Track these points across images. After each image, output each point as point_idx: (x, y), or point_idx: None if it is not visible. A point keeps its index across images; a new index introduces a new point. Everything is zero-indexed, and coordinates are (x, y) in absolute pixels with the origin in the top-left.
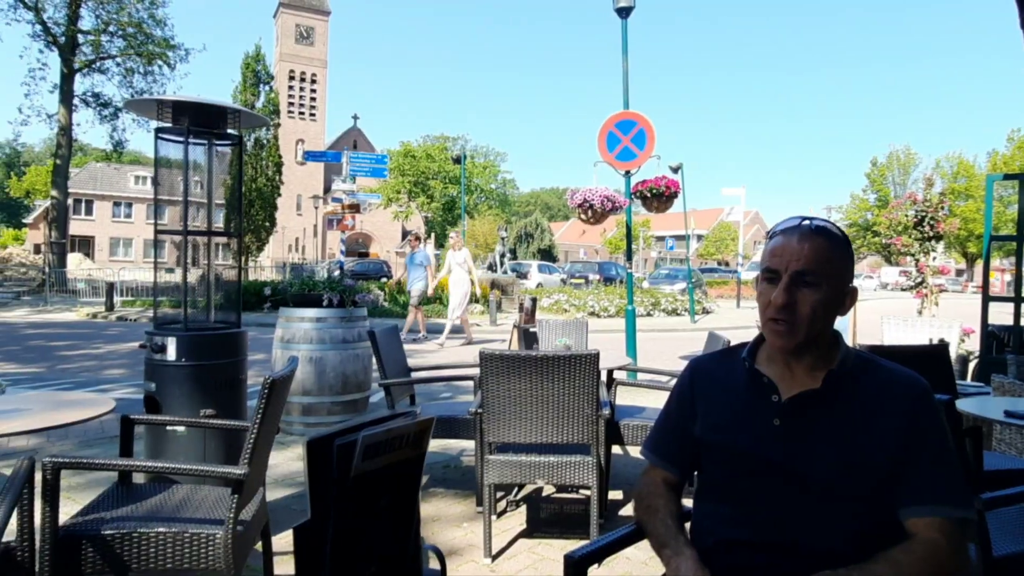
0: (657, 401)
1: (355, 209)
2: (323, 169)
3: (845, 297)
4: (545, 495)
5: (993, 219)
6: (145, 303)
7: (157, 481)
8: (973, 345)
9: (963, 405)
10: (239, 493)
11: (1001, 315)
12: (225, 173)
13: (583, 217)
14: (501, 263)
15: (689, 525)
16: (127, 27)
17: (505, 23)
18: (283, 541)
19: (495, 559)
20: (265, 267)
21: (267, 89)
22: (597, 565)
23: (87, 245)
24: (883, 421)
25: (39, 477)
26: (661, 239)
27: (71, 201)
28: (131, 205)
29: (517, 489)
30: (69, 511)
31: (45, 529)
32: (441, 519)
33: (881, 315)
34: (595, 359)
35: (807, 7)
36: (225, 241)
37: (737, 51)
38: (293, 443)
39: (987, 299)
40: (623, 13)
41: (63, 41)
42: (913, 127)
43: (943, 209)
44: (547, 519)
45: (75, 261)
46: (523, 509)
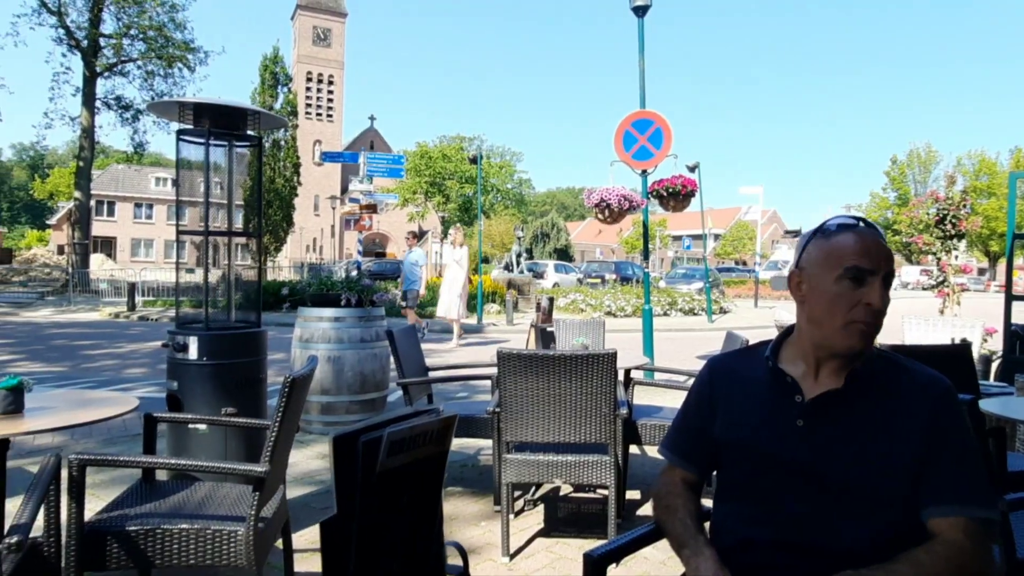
0: (675, 401)
1: (372, 209)
2: (340, 170)
3: None
4: (563, 494)
5: (1016, 217)
6: (166, 303)
7: (179, 478)
8: (996, 345)
9: (986, 405)
10: (260, 490)
11: None
12: (244, 174)
13: (600, 217)
14: (517, 263)
15: (708, 525)
16: (148, 30)
17: (520, 22)
18: (303, 538)
19: (513, 558)
20: (283, 267)
21: (285, 91)
22: (615, 564)
23: (109, 246)
24: (906, 421)
25: (65, 474)
26: (678, 238)
27: (93, 203)
28: (152, 206)
29: (534, 488)
30: (94, 507)
31: (71, 525)
32: (459, 518)
33: (902, 315)
34: (612, 358)
35: (825, 4)
36: (244, 241)
37: (755, 49)
38: (312, 441)
39: (1010, 298)
40: (639, 12)
41: (85, 45)
42: (934, 124)
43: (965, 207)
44: (565, 518)
45: (97, 262)
46: (540, 508)
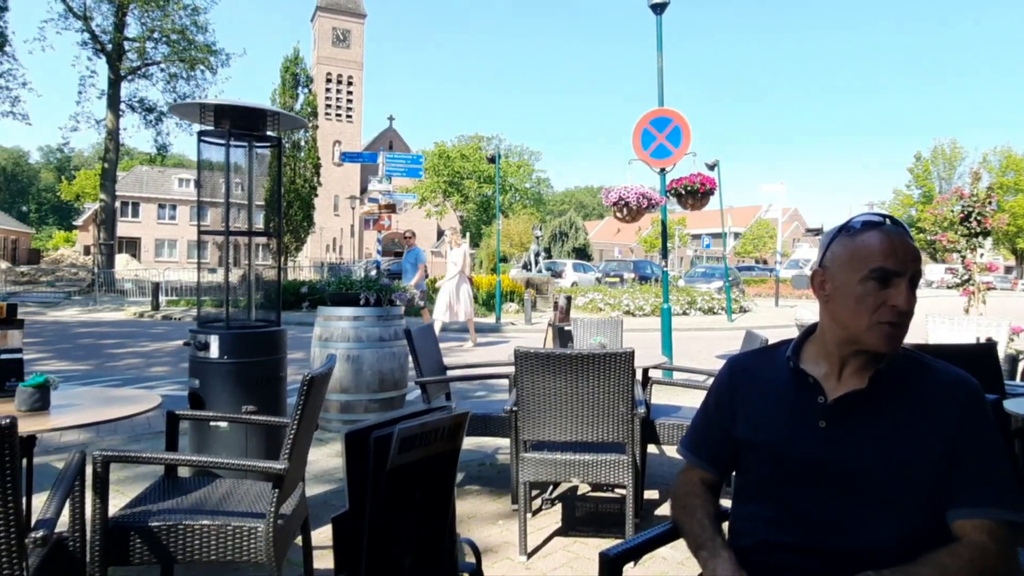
0: (693, 400)
1: (391, 209)
2: (359, 170)
3: None
4: (580, 494)
5: None
6: (189, 302)
7: (201, 475)
8: (1022, 344)
9: (1011, 406)
10: (280, 488)
11: None
12: (264, 175)
13: (618, 215)
14: (536, 262)
15: (727, 526)
16: (170, 33)
17: (538, 21)
18: (322, 535)
19: (530, 557)
20: (304, 267)
21: (305, 92)
22: (633, 564)
23: (134, 246)
24: (932, 421)
25: (90, 470)
26: (697, 237)
27: (118, 204)
28: (175, 207)
29: (552, 487)
30: (117, 503)
31: (95, 520)
32: (476, 517)
33: (926, 313)
34: (630, 357)
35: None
36: (265, 241)
37: (775, 44)
38: (331, 440)
39: None
40: (657, 9)
41: (110, 49)
42: (959, 120)
43: (991, 204)
44: (582, 518)
45: (122, 262)
46: (558, 507)
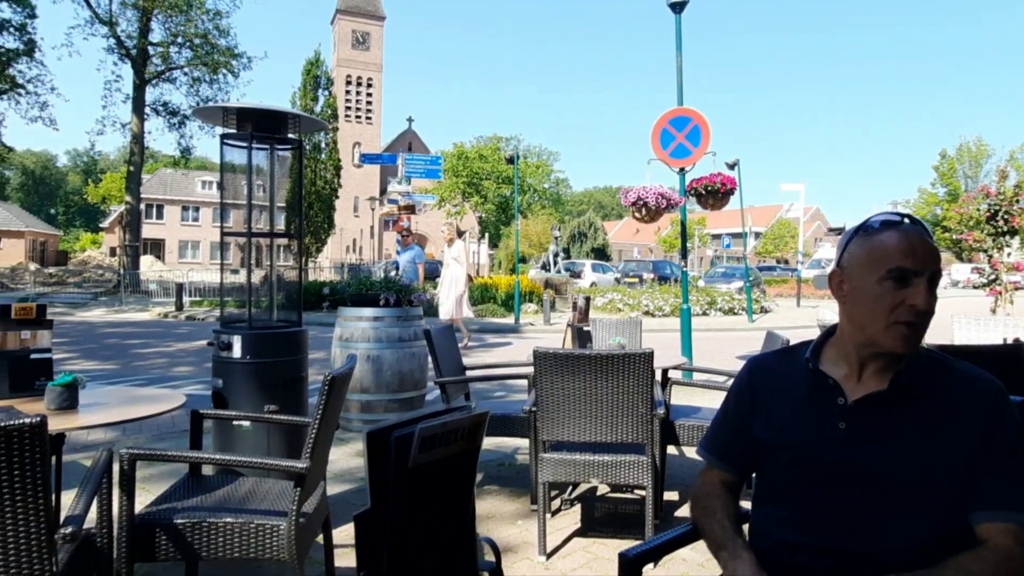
0: (713, 401)
1: (410, 210)
2: (379, 171)
3: None
4: (599, 494)
5: None
6: (212, 303)
7: (224, 473)
8: None
9: None
10: (301, 486)
11: None
12: (286, 176)
13: (637, 215)
14: (555, 262)
15: (747, 527)
16: (193, 38)
17: (556, 21)
18: (343, 534)
19: (549, 557)
20: (324, 268)
21: (326, 94)
22: (652, 565)
23: (158, 248)
24: (956, 423)
25: (117, 468)
26: (717, 237)
27: (143, 206)
28: (198, 209)
29: (571, 488)
30: (143, 500)
31: (122, 517)
32: (495, 516)
33: (951, 314)
34: (649, 358)
35: None
36: (286, 242)
37: (796, 42)
38: (352, 439)
39: None
40: (677, 8)
41: (135, 54)
42: (985, 117)
43: (1018, 202)
44: (602, 519)
45: (147, 263)
46: (577, 508)
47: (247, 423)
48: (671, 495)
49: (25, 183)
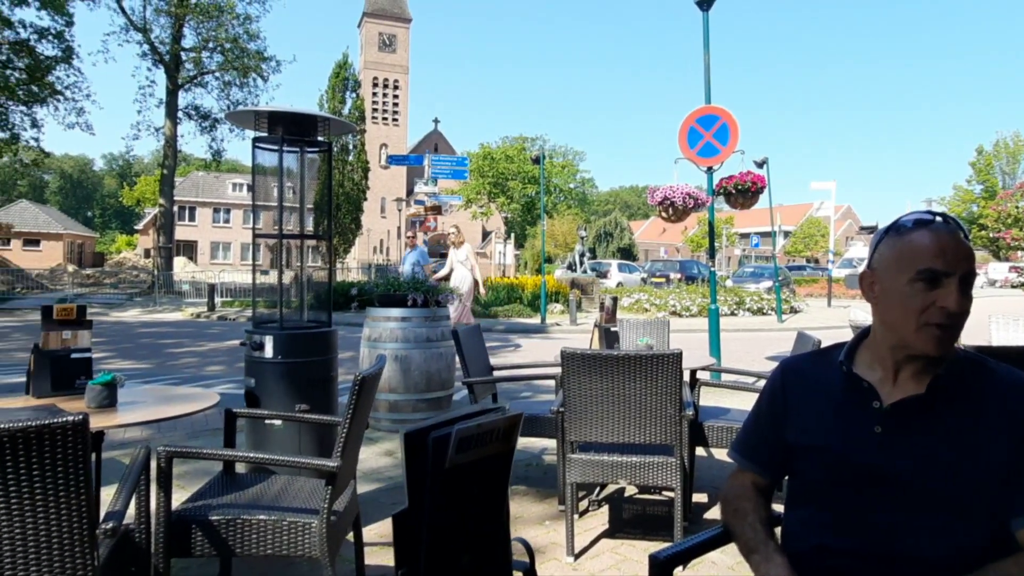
0: (742, 402)
1: (437, 211)
2: (405, 172)
3: None
4: (627, 495)
5: None
6: (243, 303)
7: (257, 471)
8: None
9: None
10: (333, 485)
11: None
12: (315, 178)
13: (664, 215)
14: (581, 262)
15: (779, 530)
16: (224, 43)
17: (582, 20)
18: (372, 532)
19: (578, 558)
20: (352, 268)
21: (353, 96)
22: (682, 567)
23: (191, 249)
24: (995, 426)
25: (154, 465)
26: (745, 236)
27: (176, 208)
28: (229, 211)
29: (599, 489)
30: (177, 497)
31: (160, 513)
32: (523, 517)
33: (989, 314)
34: (678, 359)
35: None
36: (315, 244)
37: (825, 36)
38: (380, 439)
39: None
40: (704, 5)
41: (168, 59)
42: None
43: None
44: (630, 520)
45: (180, 264)
46: (605, 509)
47: (279, 422)
48: (700, 497)
49: (63, 187)
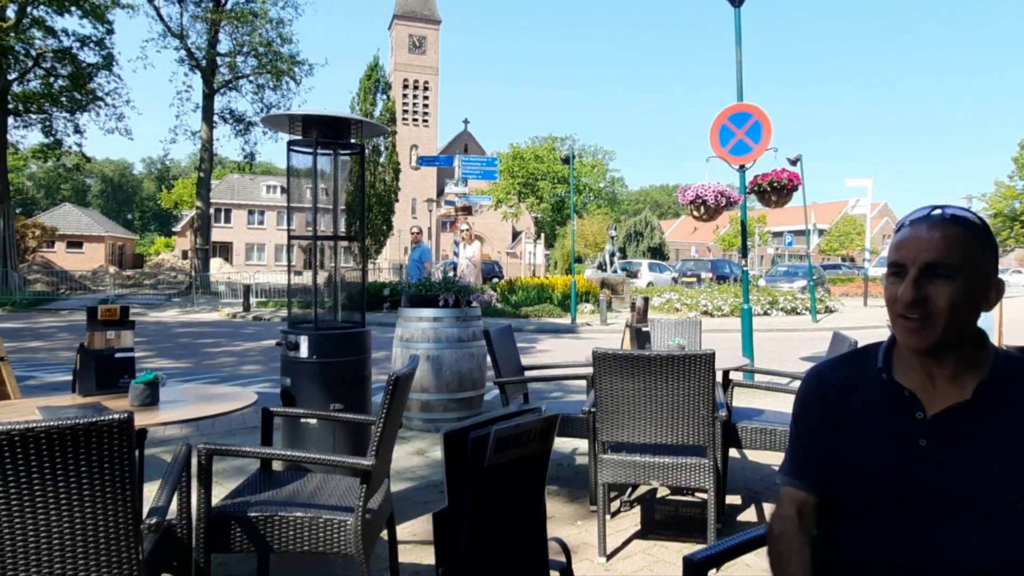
0: (776, 404)
1: (467, 211)
2: (436, 173)
3: (988, 291)
4: (660, 496)
5: None
6: (277, 304)
7: (293, 469)
8: None
9: None
10: (367, 483)
11: None
12: (347, 180)
13: (695, 214)
14: (611, 262)
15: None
16: (258, 47)
17: (611, 17)
18: (406, 531)
19: (610, 559)
20: (383, 268)
21: (384, 98)
22: (716, 570)
23: (226, 250)
24: None
25: (194, 462)
26: (778, 235)
27: (212, 210)
28: (263, 212)
29: (631, 489)
30: (216, 494)
31: (200, 509)
32: (555, 517)
33: None
34: (711, 359)
35: None
36: (348, 245)
37: (861, 31)
38: (412, 438)
39: None
40: (736, 2)
41: (204, 64)
42: None
43: None
44: (662, 521)
45: (216, 265)
46: (637, 510)
47: (314, 421)
48: (733, 499)
49: (104, 190)
